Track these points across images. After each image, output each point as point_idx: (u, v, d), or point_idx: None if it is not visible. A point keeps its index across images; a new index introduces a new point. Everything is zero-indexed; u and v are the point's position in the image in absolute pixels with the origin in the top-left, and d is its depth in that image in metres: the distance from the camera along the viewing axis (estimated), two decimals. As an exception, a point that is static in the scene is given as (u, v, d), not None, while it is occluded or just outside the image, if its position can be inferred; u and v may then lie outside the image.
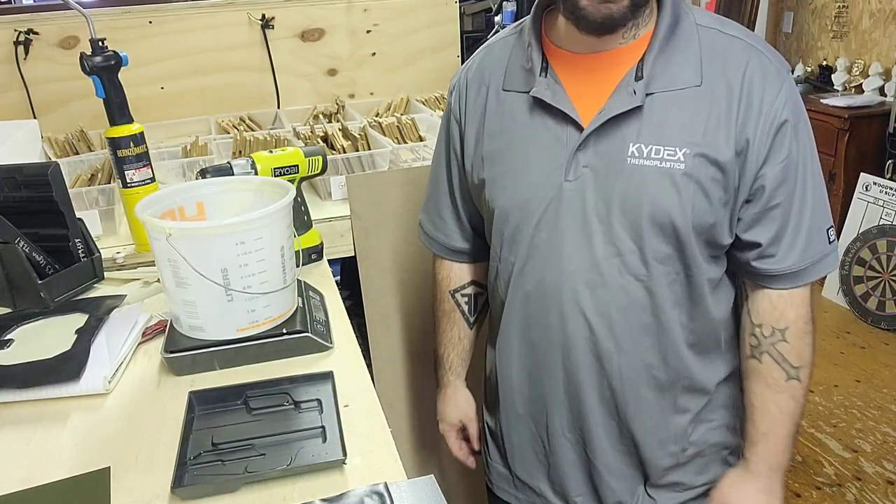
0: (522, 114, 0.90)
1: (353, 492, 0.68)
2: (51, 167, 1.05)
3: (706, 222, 0.84)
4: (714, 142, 0.82)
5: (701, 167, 0.82)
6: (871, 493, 1.99)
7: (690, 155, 0.82)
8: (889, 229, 2.86)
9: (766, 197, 0.84)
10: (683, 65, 0.83)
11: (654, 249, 0.85)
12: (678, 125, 0.82)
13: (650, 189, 0.83)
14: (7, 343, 0.95)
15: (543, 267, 0.89)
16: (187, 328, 0.90)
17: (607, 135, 0.84)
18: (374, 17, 2.03)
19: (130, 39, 1.85)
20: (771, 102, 0.82)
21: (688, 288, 0.88)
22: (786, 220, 0.85)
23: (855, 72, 3.34)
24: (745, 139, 0.82)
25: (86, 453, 0.76)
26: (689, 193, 0.82)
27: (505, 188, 0.92)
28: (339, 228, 1.38)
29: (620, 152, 0.83)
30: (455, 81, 1.01)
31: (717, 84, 0.82)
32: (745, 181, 0.84)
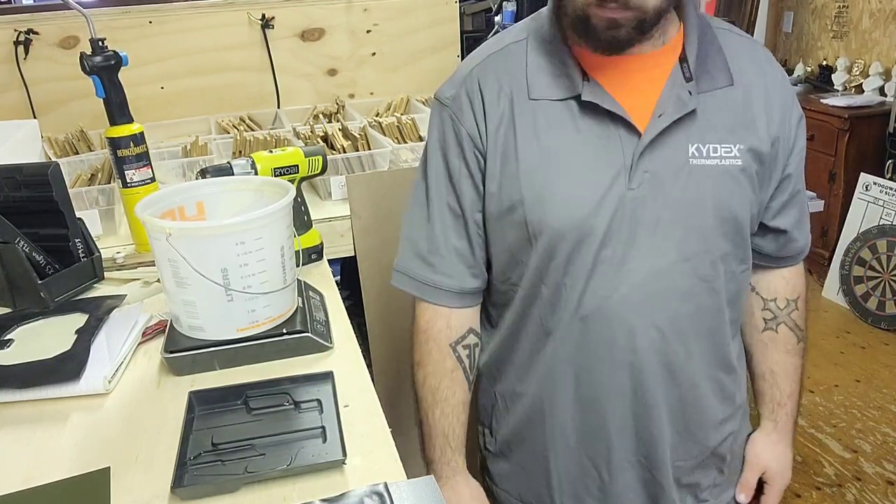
0: (565, 123, 0.83)
1: (353, 492, 0.67)
2: (51, 167, 1.05)
3: (755, 214, 0.89)
4: (756, 136, 0.85)
5: (752, 161, 0.85)
6: (871, 494, 1.99)
7: (744, 150, 0.84)
8: (889, 229, 2.86)
9: (792, 185, 0.91)
10: (716, 65, 0.85)
11: (719, 248, 0.86)
12: (727, 123, 0.84)
13: (716, 187, 0.84)
14: (7, 343, 0.95)
15: (608, 285, 0.83)
16: (187, 328, 0.90)
17: (664, 138, 0.82)
18: (374, 16, 2.03)
19: (130, 39, 1.85)
20: (789, 97, 0.88)
21: (739, 283, 0.91)
22: (803, 203, 0.94)
23: (855, 72, 3.34)
24: (776, 132, 0.86)
25: (86, 453, 0.76)
26: (746, 188, 0.85)
27: (556, 206, 0.83)
28: (339, 228, 1.38)
29: (682, 154, 0.83)
30: (453, 94, 0.89)
31: (745, 82, 0.86)
32: (777, 172, 0.89)
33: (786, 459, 1.05)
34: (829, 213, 3.09)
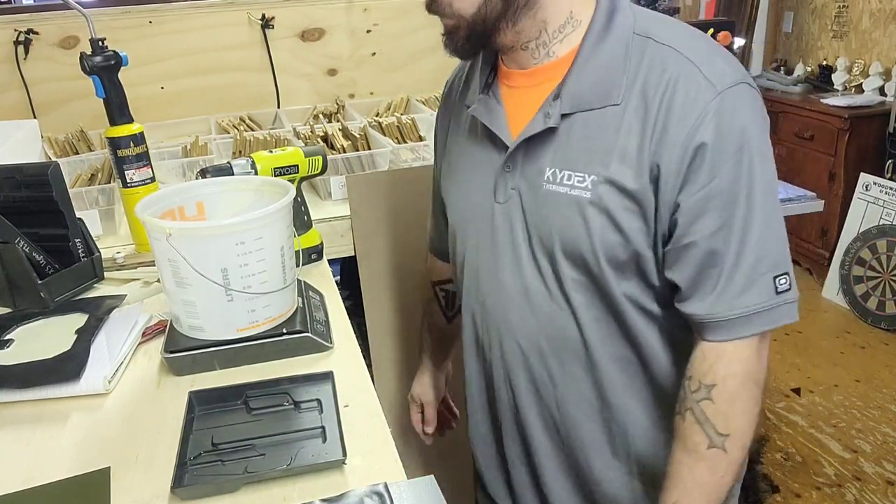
0: (466, 130, 0.90)
1: (353, 492, 0.67)
2: (51, 167, 1.05)
3: (618, 256, 0.77)
4: (623, 167, 0.74)
5: (609, 195, 0.75)
6: (871, 494, 1.99)
7: (598, 182, 0.75)
8: (889, 229, 2.86)
9: (679, 232, 0.74)
10: (605, 81, 0.75)
11: (570, 278, 0.80)
12: (592, 149, 0.76)
13: (559, 217, 0.78)
14: (7, 343, 0.95)
15: (485, 290, 0.88)
16: (187, 328, 0.90)
17: (531, 157, 0.80)
18: (374, 16, 2.03)
19: (130, 39, 1.85)
20: (688, 123, 0.71)
21: (616, 322, 0.81)
22: (710, 260, 0.73)
23: (855, 71, 3.34)
24: (657, 164, 0.73)
25: (86, 453, 0.76)
26: (598, 224, 0.76)
27: (452, 206, 0.93)
28: (339, 228, 1.38)
29: (539, 176, 0.80)
30: (445, 84, 1.01)
31: (636, 103, 0.74)
32: (662, 213, 0.75)
33: None
34: (829, 213, 3.09)
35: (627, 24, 0.77)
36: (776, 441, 2.21)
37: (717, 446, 0.76)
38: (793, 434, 2.25)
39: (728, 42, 1.82)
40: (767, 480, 2.02)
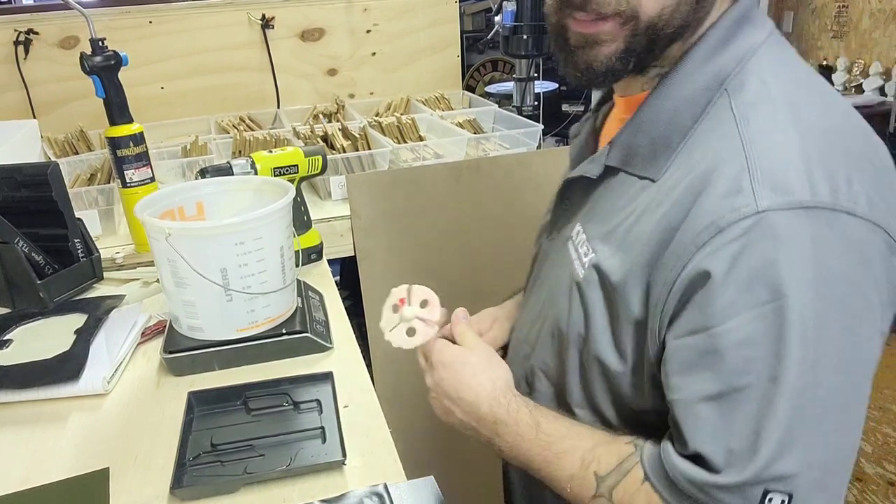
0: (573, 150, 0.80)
1: (353, 493, 0.67)
2: (50, 167, 1.05)
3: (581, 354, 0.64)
4: (614, 256, 0.59)
5: (592, 283, 0.61)
6: (872, 494, 1.99)
7: (592, 263, 0.62)
8: (889, 229, 2.85)
9: (665, 382, 0.56)
10: (658, 142, 0.58)
11: (547, 353, 0.70)
12: (608, 221, 0.62)
13: (558, 287, 0.68)
14: (6, 343, 0.95)
15: (515, 330, 0.83)
16: (187, 328, 0.90)
17: (580, 203, 0.69)
18: (374, 16, 2.03)
19: (130, 39, 1.85)
20: (697, 238, 0.51)
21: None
22: (708, 415, 0.53)
23: (855, 71, 3.34)
24: (648, 279, 0.56)
25: (85, 454, 0.76)
26: (576, 311, 0.64)
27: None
28: (339, 228, 1.38)
29: (570, 228, 0.68)
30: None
31: (667, 188, 0.56)
32: (649, 337, 0.57)
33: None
34: (830, 214, 3.09)
35: (727, 69, 0.56)
36: (777, 441, 2.22)
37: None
38: (793, 434, 2.25)
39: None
40: (768, 481, 2.03)
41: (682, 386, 0.54)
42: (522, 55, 1.94)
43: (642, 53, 0.58)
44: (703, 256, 0.51)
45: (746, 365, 0.50)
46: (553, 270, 0.72)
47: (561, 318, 0.66)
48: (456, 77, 2.14)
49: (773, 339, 0.49)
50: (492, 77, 3.75)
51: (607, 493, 0.59)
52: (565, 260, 0.68)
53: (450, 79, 2.13)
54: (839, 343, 0.50)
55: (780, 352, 0.49)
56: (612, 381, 0.63)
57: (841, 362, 0.50)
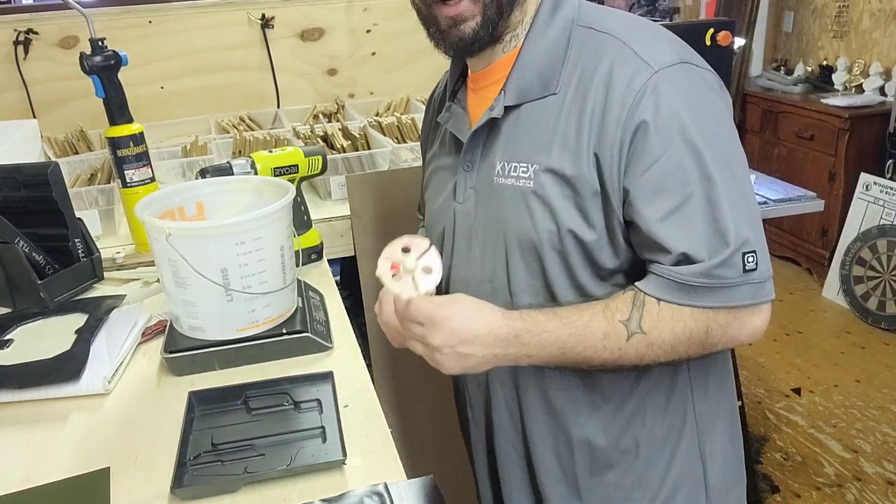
0: (439, 141, 0.92)
1: (353, 492, 0.67)
2: (50, 167, 1.05)
3: (557, 244, 0.76)
4: (562, 155, 0.75)
5: (549, 184, 0.76)
6: (872, 494, 1.99)
7: (539, 171, 0.76)
8: (889, 229, 2.85)
9: (638, 220, 0.72)
10: (545, 72, 0.77)
11: (520, 278, 0.80)
12: (535, 139, 0.77)
13: (508, 211, 0.79)
14: (7, 343, 0.95)
15: (451, 290, 0.88)
16: (187, 328, 0.90)
17: (486, 154, 0.82)
18: (374, 16, 2.03)
19: (130, 39, 1.85)
20: (626, 104, 0.71)
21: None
22: (679, 223, 0.71)
23: (855, 71, 3.34)
24: (596, 153, 0.73)
25: (85, 453, 0.76)
26: (539, 213, 0.76)
27: (426, 213, 0.94)
28: (339, 228, 1.38)
29: (491, 171, 0.81)
30: (428, 99, 1.02)
31: (574, 91, 0.75)
32: (613, 201, 0.74)
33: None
34: (830, 213, 3.09)
35: (570, 16, 0.79)
36: (776, 441, 2.21)
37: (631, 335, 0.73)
38: (793, 434, 2.24)
39: (728, 42, 1.82)
40: (767, 480, 2.02)
41: (651, 211, 0.71)
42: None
43: (496, 19, 0.77)
44: (634, 114, 0.71)
45: (686, 178, 0.70)
46: (489, 211, 0.82)
47: (526, 230, 0.78)
48: (456, 77, 2.14)
49: (695, 156, 0.70)
50: (492, 77, 3.75)
51: (637, 329, 0.73)
52: (502, 191, 0.80)
53: (450, 78, 2.13)
54: (731, 145, 0.74)
55: (702, 163, 0.70)
56: (587, 249, 0.77)
57: (736, 155, 0.74)
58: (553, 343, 0.73)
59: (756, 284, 0.72)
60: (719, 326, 0.73)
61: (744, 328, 0.74)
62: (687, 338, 0.73)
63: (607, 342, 0.73)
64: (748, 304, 0.72)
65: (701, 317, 0.72)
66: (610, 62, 0.74)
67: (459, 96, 0.88)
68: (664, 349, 0.74)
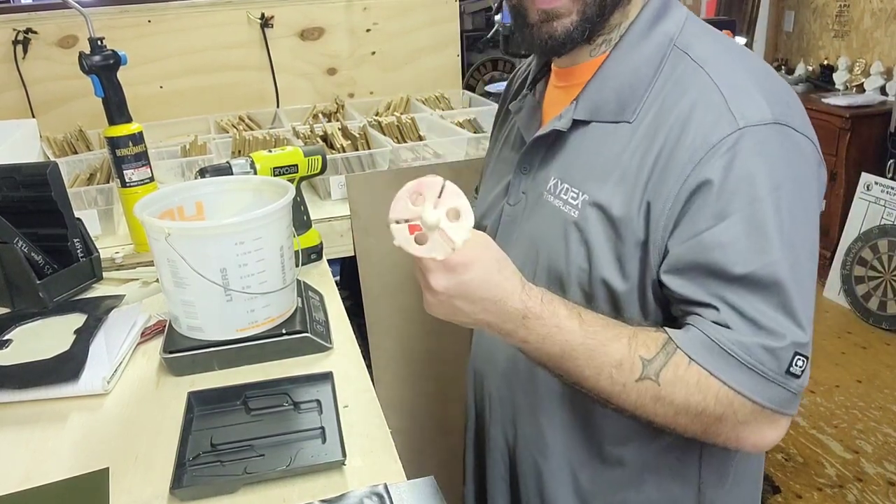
0: (505, 128, 0.88)
1: (353, 493, 0.67)
2: (49, 167, 1.05)
3: (586, 286, 0.70)
4: (614, 193, 0.68)
5: (593, 220, 0.69)
6: (873, 494, 1.98)
7: (587, 202, 0.69)
8: (890, 229, 2.85)
9: (666, 288, 0.66)
10: (626, 94, 0.69)
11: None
12: (594, 165, 0.70)
13: (546, 233, 0.73)
14: (6, 343, 0.95)
15: None
16: (186, 328, 0.90)
17: (546, 162, 0.76)
18: (374, 15, 2.02)
19: (129, 38, 1.85)
20: (694, 156, 0.62)
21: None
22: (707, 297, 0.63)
23: (856, 71, 3.34)
24: (649, 201, 0.65)
25: (85, 454, 0.76)
26: (575, 247, 0.70)
27: (477, 202, 0.90)
28: (339, 228, 1.37)
29: (544, 184, 0.75)
30: (511, 76, 0.96)
31: (649, 124, 0.67)
32: (653, 256, 0.66)
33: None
34: (831, 213, 3.09)
35: (670, 33, 0.69)
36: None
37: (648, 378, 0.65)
38: (794, 434, 2.24)
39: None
40: (769, 481, 2.02)
41: (687, 282, 0.64)
42: (522, 54, 1.94)
43: (595, 20, 0.69)
44: (700, 169, 0.62)
45: (743, 256, 0.61)
46: (531, 225, 0.77)
47: (557, 260, 0.72)
48: (456, 76, 2.13)
49: (758, 233, 0.61)
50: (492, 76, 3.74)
51: (654, 376, 0.64)
52: (547, 210, 0.74)
53: (449, 78, 2.12)
54: (806, 230, 0.64)
55: (765, 243, 0.61)
56: (617, 302, 0.70)
57: (807, 242, 0.64)
58: (559, 343, 0.64)
59: (791, 393, 0.63)
60: (735, 420, 0.64)
61: (753, 435, 0.65)
62: (697, 412, 0.64)
63: (616, 373, 0.64)
64: (772, 408, 0.63)
65: (725, 400, 0.63)
66: (692, 102, 0.65)
67: (539, 87, 0.82)
68: (665, 410, 0.65)
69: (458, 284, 0.62)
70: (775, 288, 0.61)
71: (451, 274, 0.61)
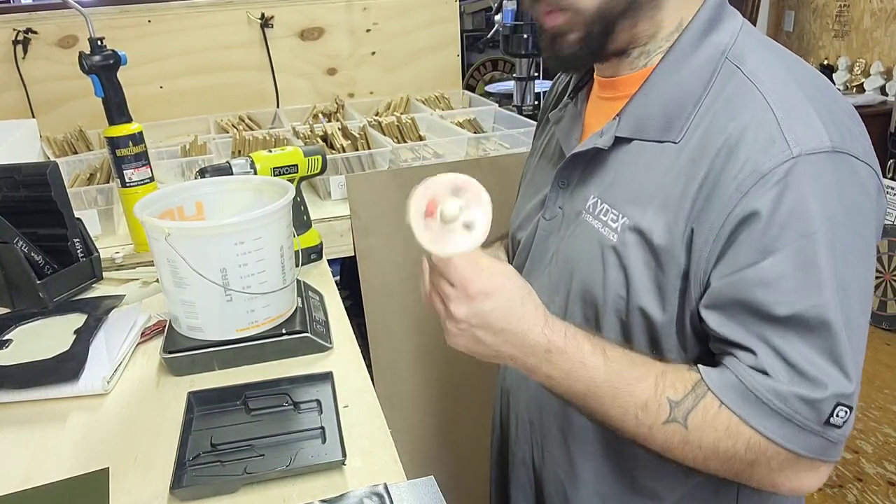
0: (544, 135, 0.84)
1: (353, 493, 0.67)
2: (49, 167, 1.05)
3: (623, 315, 0.67)
4: (656, 219, 0.63)
5: (633, 246, 0.65)
6: (872, 494, 1.98)
7: (627, 227, 0.65)
8: (890, 229, 2.85)
9: (706, 326, 0.62)
10: (673, 110, 0.64)
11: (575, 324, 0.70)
12: (634, 187, 0.66)
13: (583, 254, 0.70)
14: (6, 343, 0.95)
15: None
16: (186, 328, 0.90)
17: (585, 179, 0.72)
18: (374, 15, 2.02)
19: (129, 38, 1.85)
20: (743, 184, 0.58)
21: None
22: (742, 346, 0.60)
23: (856, 71, 3.34)
24: (693, 228, 0.61)
25: (85, 454, 0.76)
26: (613, 273, 0.67)
27: (514, 212, 0.86)
28: (339, 228, 1.37)
29: (583, 203, 0.71)
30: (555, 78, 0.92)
31: (696, 145, 0.62)
32: (693, 286, 0.63)
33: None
34: (830, 213, 3.09)
35: (723, 45, 0.64)
36: (777, 441, 2.21)
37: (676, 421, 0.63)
38: (793, 434, 2.24)
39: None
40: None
41: (726, 320, 0.60)
42: (522, 54, 1.93)
43: (601, 37, 0.66)
44: (748, 200, 0.58)
45: (789, 296, 0.57)
46: (567, 244, 0.73)
47: (593, 283, 0.69)
48: (456, 76, 2.13)
49: (808, 271, 0.57)
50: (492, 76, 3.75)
51: (682, 419, 0.61)
52: (585, 231, 0.71)
53: (450, 78, 2.13)
54: (860, 267, 0.59)
55: (814, 282, 0.57)
56: (655, 332, 0.66)
57: (859, 279, 0.59)
58: (582, 380, 0.63)
59: (830, 442, 0.60)
60: (769, 467, 0.61)
61: (789, 481, 0.62)
62: (727, 458, 0.61)
63: (642, 414, 0.62)
64: (809, 457, 0.60)
65: (757, 447, 0.60)
66: (743, 124, 0.59)
67: (581, 95, 0.77)
68: (695, 454, 0.62)
69: (479, 314, 0.61)
70: (822, 331, 0.57)
71: (472, 302, 0.60)
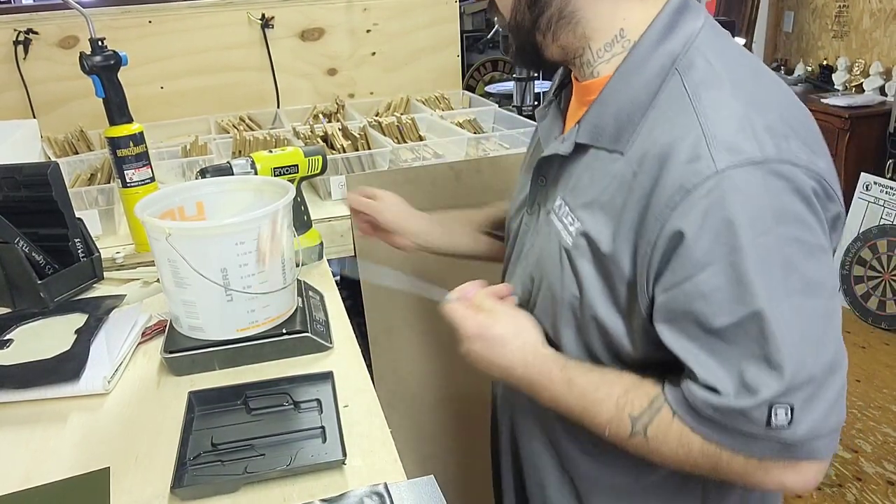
0: (538, 131, 0.86)
1: (353, 492, 0.67)
2: (50, 167, 1.05)
3: (577, 316, 0.70)
4: (603, 227, 0.65)
5: (583, 251, 0.67)
6: (872, 494, 1.99)
7: (580, 231, 0.67)
8: (889, 229, 2.85)
9: (664, 338, 0.63)
10: (622, 119, 0.65)
11: (539, 319, 0.75)
12: (588, 193, 0.68)
13: (546, 252, 0.73)
14: (6, 343, 0.95)
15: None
16: (187, 328, 0.90)
17: (560, 178, 0.74)
18: (374, 16, 2.02)
19: (130, 39, 1.85)
20: (670, 200, 0.58)
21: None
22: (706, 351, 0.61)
23: (856, 71, 3.34)
24: (636, 236, 0.62)
25: (85, 453, 0.76)
26: (567, 275, 0.69)
27: (511, 201, 0.90)
28: (339, 228, 1.38)
29: (553, 202, 0.74)
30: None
31: (635, 158, 0.63)
32: (640, 299, 0.64)
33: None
34: (830, 213, 3.09)
35: (675, 53, 0.63)
36: (776, 441, 2.22)
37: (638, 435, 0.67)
38: (793, 434, 2.24)
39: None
40: (768, 480, 2.03)
41: (672, 337, 0.62)
42: (522, 55, 1.94)
43: (530, 47, 0.70)
44: (676, 217, 0.58)
45: (721, 308, 0.58)
46: (539, 240, 0.77)
47: (554, 283, 0.72)
48: (456, 77, 2.14)
49: (739, 286, 0.57)
50: (492, 77, 3.75)
51: (642, 431, 0.66)
52: (551, 230, 0.73)
53: (450, 78, 2.13)
54: (803, 271, 0.58)
55: (747, 294, 0.57)
56: (610, 336, 0.69)
57: (808, 286, 0.58)
58: (560, 405, 0.72)
59: (785, 443, 0.59)
60: (730, 470, 0.63)
61: (769, 480, 0.62)
62: (691, 465, 0.64)
63: (610, 426, 0.68)
64: (771, 459, 0.61)
65: (712, 454, 0.62)
66: (672, 137, 0.59)
67: (565, 93, 0.79)
68: (663, 462, 0.66)
69: (468, 353, 0.75)
70: (758, 338, 0.58)
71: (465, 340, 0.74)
